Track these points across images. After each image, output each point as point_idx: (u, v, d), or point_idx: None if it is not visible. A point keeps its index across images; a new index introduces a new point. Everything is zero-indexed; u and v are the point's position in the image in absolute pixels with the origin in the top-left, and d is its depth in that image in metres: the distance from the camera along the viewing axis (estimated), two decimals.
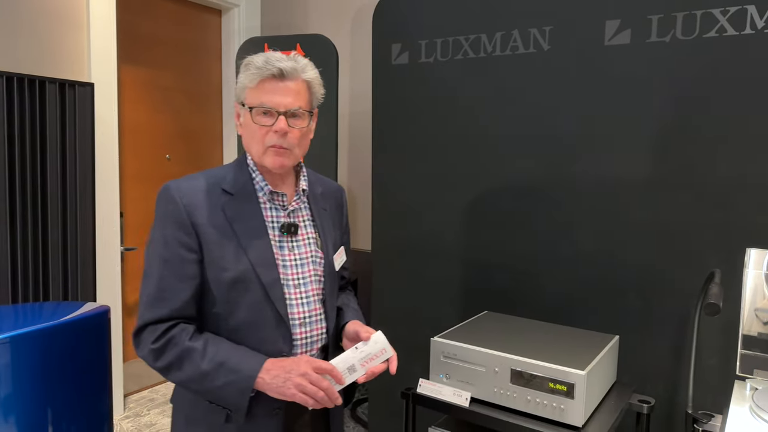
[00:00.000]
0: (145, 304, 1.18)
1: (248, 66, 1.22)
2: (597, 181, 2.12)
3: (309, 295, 1.28)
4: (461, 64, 2.41)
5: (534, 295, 2.25)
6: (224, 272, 1.19)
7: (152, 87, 3.47)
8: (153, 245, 1.20)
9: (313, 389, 1.12)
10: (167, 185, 1.22)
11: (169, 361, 1.16)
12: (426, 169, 2.53)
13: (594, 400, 1.57)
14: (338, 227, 1.41)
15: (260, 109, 1.20)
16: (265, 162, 1.23)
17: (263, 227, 1.23)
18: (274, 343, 1.22)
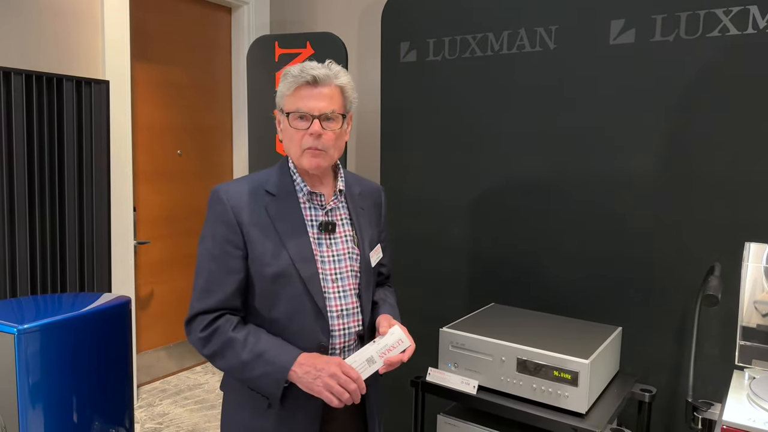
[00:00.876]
0: (196, 295, 1.29)
1: (286, 75, 1.32)
2: (600, 177, 2.17)
3: (346, 289, 1.36)
4: (469, 62, 2.46)
5: (538, 289, 2.31)
6: (266, 267, 1.28)
7: (164, 84, 3.53)
8: (204, 243, 1.31)
9: (339, 390, 1.21)
10: (217, 189, 1.33)
11: (214, 350, 1.27)
12: (433, 166, 2.58)
13: (597, 389, 1.63)
14: (375, 225, 1.49)
15: (296, 114, 1.29)
16: (303, 163, 1.32)
17: (303, 225, 1.33)
18: (312, 333, 1.30)
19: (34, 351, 1.56)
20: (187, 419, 3.13)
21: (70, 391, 1.68)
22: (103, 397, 1.80)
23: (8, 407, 1.56)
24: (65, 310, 1.73)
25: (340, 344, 1.35)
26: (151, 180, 3.53)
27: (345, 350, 1.36)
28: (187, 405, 3.32)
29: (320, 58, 2.95)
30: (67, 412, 1.68)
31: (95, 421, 1.77)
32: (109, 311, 1.79)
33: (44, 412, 1.61)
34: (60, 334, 1.63)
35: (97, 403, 1.78)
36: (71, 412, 1.69)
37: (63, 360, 1.65)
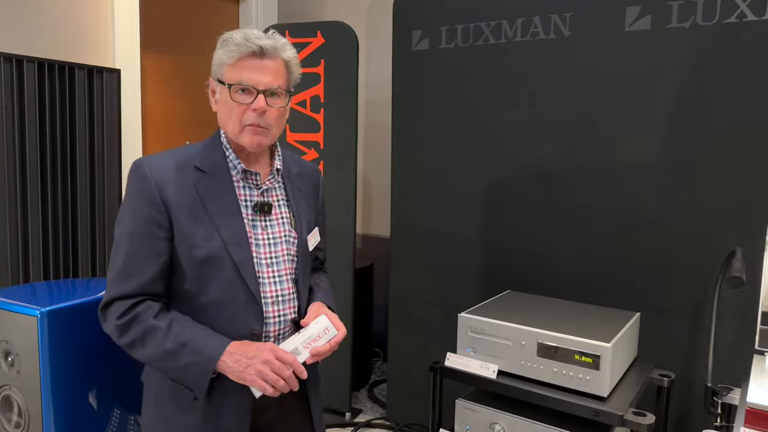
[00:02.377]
0: (113, 279, 1.18)
1: (226, 42, 1.20)
2: (616, 164, 2.17)
3: (282, 275, 1.27)
4: (482, 50, 2.45)
5: (552, 277, 2.31)
6: (196, 250, 1.18)
7: (172, 74, 3.52)
8: (122, 221, 1.20)
9: (273, 377, 1.12)
10: (139, 161, 1.21)
11: (133, 338, 1.16)
12: (444, 154, 2.58)
13: (618, 373, 1.64)
14: (313, 208, 1.40)
15: (238, 87, 1.18)
16: (242, 141, 1.22)
17: (236, 205, 1.22)
18: (245, 321, 1.21)
19: (56, 333, 1.56)
20: None
21: (89, 376, 1.68)
22: (121, 384, 1.80)
23: (31, 390, 1.56)
24: (81, 295, 1.73)
25: (274, 332, 1.26)
26: None
27: (279, 338, 1.27)
28: None
29: (332, 47, 2.93)
30: (87, 398, 1.68)
31: (114, 408, 1.77)
32: None
33: (65, 397, 1.61)
34: (80, 318, 1.63)
35: (116, 390, 1.78)
36: (93, 397, 1.69)
37: (83, 344, 1.65)
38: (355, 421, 2.92)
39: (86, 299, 1.67)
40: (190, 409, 1.21)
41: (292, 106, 2.97)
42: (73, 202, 2.58)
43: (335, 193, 2.77)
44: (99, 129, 2.66)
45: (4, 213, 2.33)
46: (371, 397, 3.22)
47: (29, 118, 2.40)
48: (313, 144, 2.95)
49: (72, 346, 1.61)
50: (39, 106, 2.44)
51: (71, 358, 1.61)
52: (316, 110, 2.92)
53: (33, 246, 2.43)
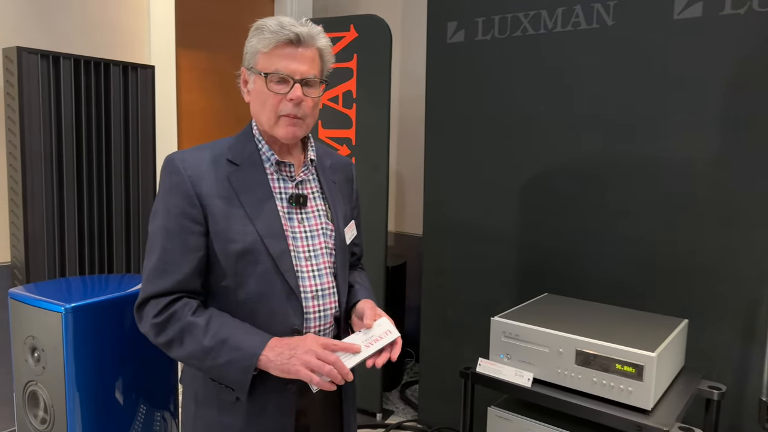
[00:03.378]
0: (148, 276, 1.15)
1: (261, 30, 1.17)
2: (661, 161, 2.05)
3: (320, 268, 1.23)
4: (520, 41, 2.35)
5: (593, 280, 2.20)
6: (232, 244, 1.15)
7: (207, 71, 3.53)
8: (157, 217, 1.16)
9: (318, 363, 1.07)
10: (171, 156, 1.18)
11: (171, 337, 1.13)
12: (480, 150, 2.49)
13: (663, 384, 1.53)
14: (348, 201, 1.37)
15: (275, 76, 1.15)
16: (277, 132, 1.18)
17: (271, 198, 1.19)
18: (284, 315, 1.17)
19: (80, 330, 1.55)
20: None
21: (115, 372, 1.67)
22: (148, 380, 1.79)
23: (56, 386, 1.56)
24: (112, 290, 1.73)
25: (315, 327, 1.21)
26: None
27: (321, 334, 1.23)
28: None
29: (365, 41, 2.88)
30: (113, 395, 1.67)
31: (141, 404, 1.76)
32: None
33: (90, 393, 1.61)
34: (106, 313, 1.62)
35: (143, 386, 1.77)
36: (117, 394, 1.68)
37: (109, 340, 1.64)
38: (386, 422, 2.86)
39: (112, 295, 1.67)
40: (233, 410, 1.17)
41: (323, 101, 2.94)
42: (108, 198, 2.60)
43: (367, 191, 2.71)
44: (134, 125, 2.67)
45: (42, 209, 2.36)
46: (403, 398, 3.16)
47: (65, 114, 2.42)
48: (345, 140, 2.90)
49: (97, 342, 1.60)
50: (75, 102, 2.46)
51: (96, 354, 1.60)
52: (348, 106, 2.87)
53: (69, 241, 2.46)
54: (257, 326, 1.16)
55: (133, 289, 1.76)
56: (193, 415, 1.23)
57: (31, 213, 2.34)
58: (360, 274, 1.45)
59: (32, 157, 2.33)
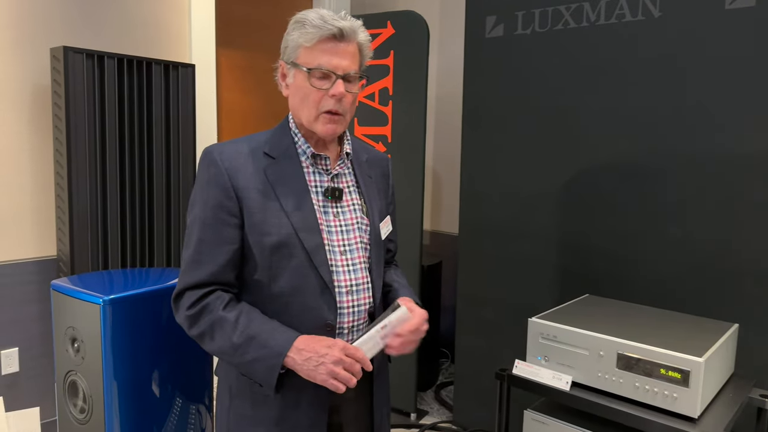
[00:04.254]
0: (185, 268, 1.16)
1: (302, 23, 1.14)
2: (710, 158, 1.95)
3: (356, 263, 1.22)
4: (561, 35, 2.29)
5: (637, 281, 2.12)
6: (266, 237, 1.14)
7: (246, 70, 3.57)
8: (194, 209, 1.17)
9: (346, 376, 1.07)
10: (209, 149, 1.18)
11: (202, 330, 1.14)
12: (520, 149, 2.43)
13: (711, 391, 1.45)
14: (384, 196, 1.35)
15: (318, 72, 1.14)
16: (317, 128, 1.18)
17: (306, 191, 1.18)
18: (318, 310, 1.16)
19: (118, 321, 1.58)
20: None
21: (152, 364, 1.69)
22: (184, 374, 1.81)
23: (94, 376, 1.59)
24: (151, 284, 1.75)
25: (349, 323, 1.20)
26: None
27: (354, 330, 1.22)
28: None
29: (402, 38, 2.85)
30: (150, 387, 1.69)
31: (176, 397, 1.78)
32: None
33: (127, 384, 1.63)
34: (144, 306, 1.65)
35: (178, 379, 1.79)
36: (154, 386, 1.70)
37: (146, 332, 1.66)
38: (420, 422, 2.83)
39: (150, 288, 1.69)
40: (266, 404, 1.17)
41: (360, 99, 2.93)
42: (150, 194, 2.66)
43: (403, 188, 2.69)
44: (175, 122, 2.72)
45: (86, 204, 2.43)
46: (438, 399, 3.12)
47: (109, 111, 2.48)
48: (381, 138, 2.88)
49: (134, 333, 1.63)
50: (118, 100, 2.52)
51: (134, 345, 1.62)
52: (384, 103, 2.86)
53: (111, 236, 2.52)
54: (290, 320, 1.15)
55: (170, 282, 1.78)
56: (227, 408, 1.23)
57: (76, 209, 2.41)
58: (396, 271, 1.43)
59: (77, 155, 2.40)
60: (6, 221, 2.43)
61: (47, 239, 2.56)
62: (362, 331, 1.17)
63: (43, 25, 2.48)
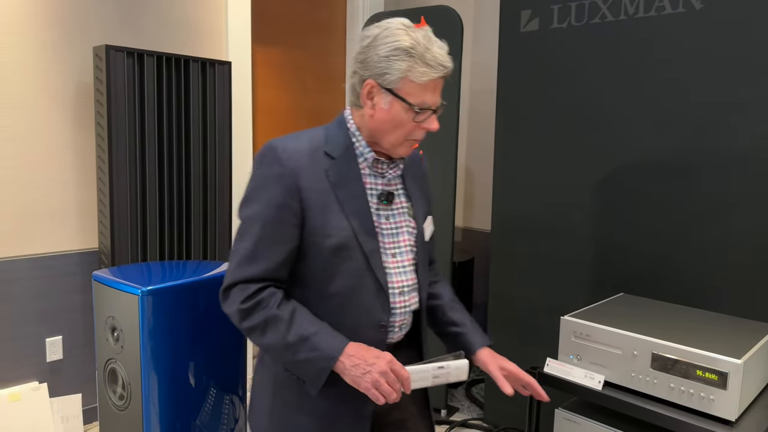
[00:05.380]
0: (239, 261, 1.16)
1: (412, 56, 1.11)
2: (751, 155, 1.89)
3: (405, 265, 1.25)
4: (598, 29, 2.24)
5: (675, 281, 2.07)
6: (327, 239, 1.16)
7: (282, 67, 3.61)
8: (253, 204, 1.16)
9: (388, 389, 1.10)
10: (273, 144, 1.17)
11: (254, 324, 1.15)
12: (555, 145, 2.40)
13: (750, 394, 1.41)
14: (424, 195, 1.36)
15: (420, 107, 1.14)
16: (397, 152, 1.20)
17: (364, 194, 1.20)
18: (372, 310, 1.19)
19: (156, 312, 1.62)
20: None
21: (188, 355, 1.74)
22: (219, 365, 1.85)
23: (133, 364, 1.64)
24: (188, 276, 1.80)
25: (399, 322, 1.24)
26: None
27: (403, 328, 1.26)
28: None
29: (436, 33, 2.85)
30: (185, 376, 1.74)
31: (211, 387, 1.83)
32: None
33: (164, 372, 1.68)
34: (181, 297, 1.69)
35: (213, 370, 1.83)
36: (189, 376, 1.75)
37: (183, 323, 1.71)
38: (451, 419, 2.83)
39: (187, 280, 1.73)
40: (312, 398, 1.20)
41: None
42: (187, 189, 2.72)
43: (435, 184, 2.68)
44: (211, 118, 2.77)
45: (126, 199, 2.50)
46: (469, 396, 3.11)
47: (149, 108, 2.55)
48: None
49: (172, 324, 1.67)
50: (157, 96, 2.58)
51: (171, 335, 1.67)
52: None
53: (150, 229, 2.59)
54: (345, 319, 1.18)
55: (207, 275, 1.83)
56: (271, 393, 1.25)
57: (117, 203, 2.49)
58: (445, 288, 1.43)
59: (118, 151, 2.48)
60: (51, 215, 2.52)
61: (90, 232, 2.65)
62: (419, 362, 1.19)
63: (85, 25, 2.56)
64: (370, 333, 1.18)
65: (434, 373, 1.18)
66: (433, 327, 1.41)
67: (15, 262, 2.43)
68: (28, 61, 2.41)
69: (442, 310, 1.39)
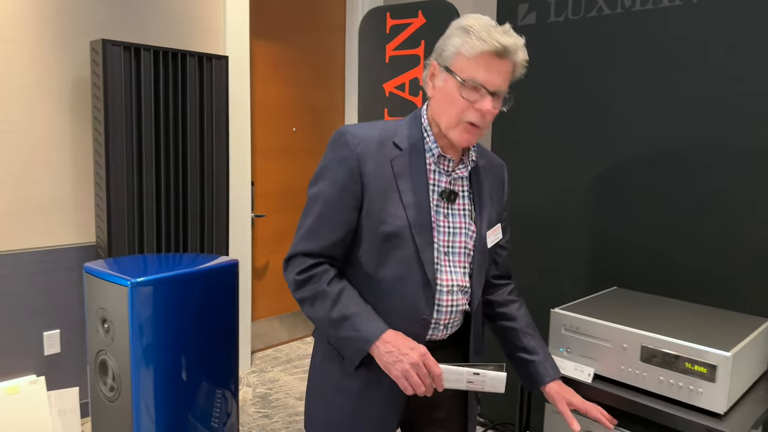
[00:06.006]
0: (301, 235, 1.23)
1: (468, 32, 1.14)
2: (747, 150, 1.87)
3: (456, 265, 1.25)
4: (595, 22, 2.23)
5: (670, 275, 2.05)
6: (382, 225, 1.19)
7: (280, 62, 3.61)
8: (319, 183, 1.23)
9: (417, 381, 1.13)
10: (344, 130, 1.22)
11: (305, 296, 1.21)
12: (551, 139, 2.38)
13: (739, 388, 1.40)
14: (497, 203, 1.36)
15: (471, 83, 1.15)
16: (452, 135, 1.20)
17: (426, 188, 1.22)
18: (416, 302, 1.21)
19: (146, 304, 1.63)
20: (295, 387, 3.22)
21: (180, 348, 1.74)
22: (210, 358, 1.86)
23: (122, 356, 1.65)
24: (182, 267, 1.80)
25: (445, 320, 1.25)
26: (269, 156, 3.64)
27: (449, 327, 1.27)
28: (297, 373, 3.41)
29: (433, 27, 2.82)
30: (176, 369, 1.74)
31: (203, 381, 1.83)
32: (217, 271, 1.84)
33: (155, 365, 1.69)
34: (172, 289, 1.69)
35: (205, 364, 1.84)
36: (180, 369, 1.75)
37: (173, 316, 1.71)
38: None
39: (178, 272, 1.73)
40: (352, 375, 1.24)
41: (390, 90, 2.93)
42: (185, 183, 2.73)
43: None
44: (208, 113, 2.78)
45: (123, 193, 2.51)
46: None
47: (145, 102, 2.56)
48: None
49: (162, 316, 1.68)
50: (154, 91, 2.59)
51: (161, 328, 1.67)
52: (414, 93, 2.84)
53: (147, 223, 2.60)
54: (388, 307, 1.21)
55: (200, 267, 1.83)
56: (319, 368, 1.32)
57: (114, 197, 2.50)
58: (521, 311, 1.44)
59: (115, 145, 2.48)
60: (49, 209, 2.54)
61: (88, 226, 2.66)
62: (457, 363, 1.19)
63: (82, 20, 2.57)
64: (411, 325, 1.20)
65: (469, 378, 1.17)
66: (505, 349, 1.44)
67: (13, 255, 2.45)
68: (25, 56, 2.43)
69: (516, 335, 1.41)
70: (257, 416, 2.87)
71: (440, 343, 1.28)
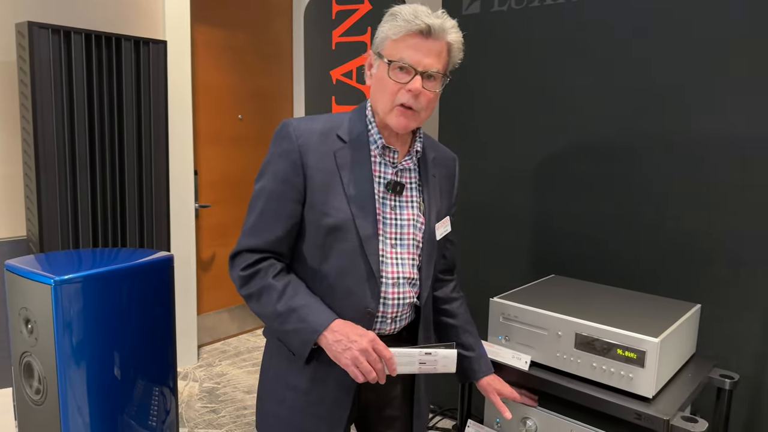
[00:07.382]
0: (245, 232, 1.22)
1: (395, 17, 1.16)
2: (683, 140, 1.92)
3: (404, 258, 1.25)
4: (537, 12, 2.24)
5: (607, 262, 2.11)
6: (324, 217, 1.18)
7: (225, 48, 3.51)
8: (262, 179, 1.22)
9: (367, 367, 1.12)
10: (287, 122, 1.21)
11: (251, 292, 1.20)
12: (494, 129, 2.40)
13: (668, 371, 1.44)
14: (447, 197, 1.36)
15: (398, 64, 1.15)
16: (390, 120, 1.19)
17: (370, 180, 1.21)
18: (362, 297, 1.20)
19: (72, 302, 1.55)
20: (244, 380, 3.17)
21: (111, 346, 1.68)
22: (146, 356, 1.80)
23: (48, 357, 1.57)
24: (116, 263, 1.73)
25: (392, 314, 1.25)
26: (213, 144, 3.54)
27: (397, 320, 1.26)
28: (245, 366, 3.36)
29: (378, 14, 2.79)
30: (108, 369, 1.68)
31: (138, 379, 1.77)
32: (151, 267, 1.77)
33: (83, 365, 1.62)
34: (100, 286, 1.62)
35: (140, 361, 1.78)
36: (112, 368, 1.69)
37: (103, 314, 1.64)
38: None
39: (107, 269, 1.66)
40: (300, 372, 1.24)
41: (337, 77, 2.88)
42: (121, 173, 2.62)
43: None
44: (146, 100, 2.67)
45: (55, 184, 2.39)
46: None
47: (77, 89, 2.43)
48: None
49: (90, 315, 1.61)
50: (87, 77, 2.47)
51: (89, 327, 1.60)
52: (362, 81, 2.81)
53: (82, 216, 2.49)
54: (333, 302, 1.20)
55: (132, 263, 1.76)
56: (268, 363, 1.32)
57: (45, 188, 2.38)
58: (462, 308, 1.48)
59: (44, 132, 2.36)
60: None
61: (18, 219, 2.53)
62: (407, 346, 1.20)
63: (9, 0, 2.42)
64: (356, 318, 1.19)
65: (420, 359, 1.17)
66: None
67: None
68: None
69: (455, 331, 1.45)
70: (204, 411, 2.82)
71: (390, 337, 1.27)
